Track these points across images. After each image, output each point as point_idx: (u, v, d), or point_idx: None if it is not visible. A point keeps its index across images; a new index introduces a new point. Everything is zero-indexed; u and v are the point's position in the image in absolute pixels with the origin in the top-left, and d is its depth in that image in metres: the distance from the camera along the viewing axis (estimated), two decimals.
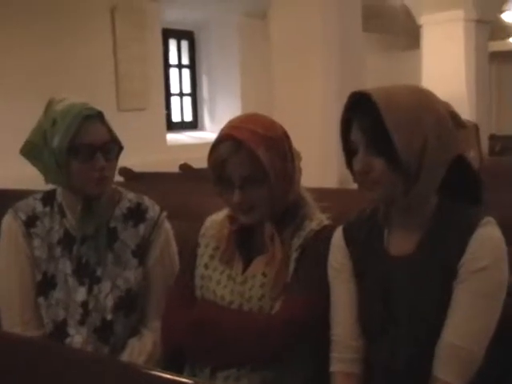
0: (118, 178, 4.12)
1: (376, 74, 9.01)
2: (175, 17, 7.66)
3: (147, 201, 1.91)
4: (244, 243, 1.72)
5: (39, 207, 1.83)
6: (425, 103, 1.41)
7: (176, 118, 8.41)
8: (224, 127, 1.68)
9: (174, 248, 1.92)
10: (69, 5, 6.19)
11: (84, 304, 1.77)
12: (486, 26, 7.40)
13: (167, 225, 1.91)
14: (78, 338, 1.76)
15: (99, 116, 1.74)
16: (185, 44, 8.56)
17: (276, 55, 4.90)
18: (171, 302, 1.76)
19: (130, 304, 1.81)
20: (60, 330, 1.77)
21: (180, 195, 3.38)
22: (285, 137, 1.68)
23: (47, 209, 1.83)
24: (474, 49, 7.15)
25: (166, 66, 7.99)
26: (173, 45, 8.37)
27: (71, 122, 1.68)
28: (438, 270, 1.41)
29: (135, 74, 6.87)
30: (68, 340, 1.77)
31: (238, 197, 1.62)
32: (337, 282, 1.59)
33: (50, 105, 1.77)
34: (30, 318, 1.79)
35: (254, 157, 1.59)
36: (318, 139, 4.35)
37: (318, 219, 1.70)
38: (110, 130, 1.77)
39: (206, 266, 1.74)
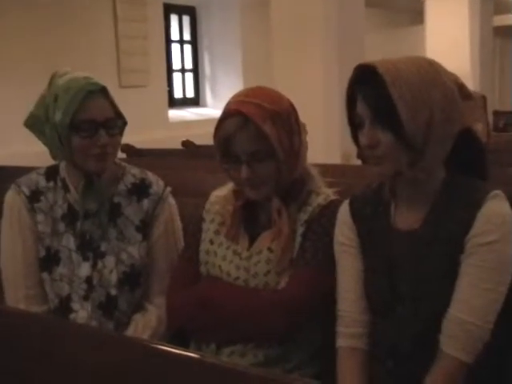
0: (121, 154, 4.11)
1: (378, 51, 8.96)
2: None
3: (151, 176, 1.90)
4: (249, 219, 1.71)
5: (42, 182, 1.82)
6: (431, 76, 1.39)
7: (178, 94, 8.38)
8: (230, 101, 1.65)
9: (178, 223, 1.91)
10: None
11: (88, 279, 1.77)
12: (490, 0, 7.34)
13: (171, 200, 1.90)
14: (82, 313, 1.76)
15: (102, 91, 1.72)
16: (186, 19, 8.49)
17: (276, 29, 4.86)
18: (176, 278, 1.76)
19: (135, 279, 1.81)
20: (64, 305, 1.78)
21: (182, 172, 3.38)
22: (292, 109, 1.66)
23: (50, 184, 1.82)
24: (478, 23, 7.12)
25: (168, 41, 7.95)
26: (174, 20, 8.31)
27: (73, 98, 1.66)
28: (443, 244, 1.40)
29: (136, 51, 6.83)
30: (72, 315, 1.77)
31: (245, 173, 1.60)
32: (343, 257, 1.57)
33: (52, 78, 1.75)
34: (34, 294, 1.79)
35: (260, 132, 1.57)
36: (320, 115, 4.34)
37: (325, 194, 1.69)
38: (113, 105, 1.75)
39: (212, 242, 1.73)
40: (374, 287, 1.51)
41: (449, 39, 7.07)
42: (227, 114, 1.62)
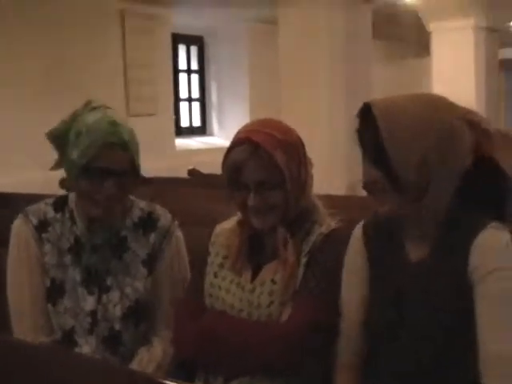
0: None
1: (385, 82, 9.01)
2: (184, 22, 7.68)
3: (159, 209, 1.89)
4: (254, 250, 1.71)
5: (50, 213, 1.81)
6: (427, 115, 1.36)
7: (185, 123, 8.42)
8: (240, 131, 1.66)
9: (185, 257, 1.90)
10: (78, 10, 6.21)
11: (93, 313, 1.76)
12: (496, 33, 7.39)
13: (179, 233, 1.89)
14: (86, 348, 1.75)
15: (123, 144, 1.70)
16: (194, 49, 8.57)
17: (283, 62, 4.91)
18: (181, 311, 1.75)
19: (139, 313, 1.80)
20: (68, 338, 1.76)
21: (189, 200, 3.38)
22: (300, 142, 1.68)
23: (58, 215, 1.80)
24: (484, 56, 7.15)
25: (175, 71, 8.01)
26: (182, 50, 8.39)
27: (91, 144, 1.66)
28: (449, 276, 1.40)
29: (144, 80, 6.89)
30: (77, 349, 1.75)
31: (253, 201, 1.61)
32: (349, 279, 1.58)
33: (86, 106, 1.76)
34: (41, 325, 1.78)
35: (270, 160, 1.58)
36: (325, 146, 4.35)
37: (327, 223, 1.69)
38: (132, 159, 1.72)
39: (216, 275, 1.73)
40: (380, 314, 1.50)
41: (455, 70, 7.11)
42: (237, 142, 1.62)
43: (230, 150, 1.63)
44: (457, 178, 1.40)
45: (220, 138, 8.55)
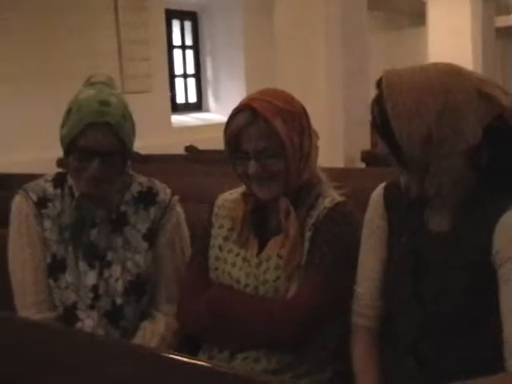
0: None
1: (381, 53, 8.96)
2: None
3: (158, 184, 1.89)
4: (259, 224, 1.70)
5: (50, 189, 1.82)
6: (434, 87, 1.30)
7: (180, 99, 8.38)
8: (242, 99, 1.64)
9: (186, 232, 1.90)
10: None
11: (94, 288, 1.76)
12: (492, 1, 7.34)
13: (179, 208, 1.89)
14: (88, 322, 1.76)
15: (107, 124, 1.68)
16: (188, 25, 8.50)
17: (279, 33, 4.87)
18: (186, 285, 1.75)
19: (141, 288, 1.81)
20: (70, 313, 1.77)
21: (186, 177, 3.38)
22: (303, 112, 1.65)
23: (58, 191, 1.81)
24: (480, 24, 7.12)
25: (170, 47, 7.95)
26: (176, 26, 8.32)
27: (78, 122, 1.67)
28: (469, 253, 1.37)
29: (139, 56, 6.84)
30: (79, 324, 1.76)
31: (253, 168, 1.59)
32: (368, 241, 1.56)
33: (86, 82, 1.77)
34: (44, 300, 1.78)
35: (270, 128, 1.56)
36: (323, 120, 4.33)
37: (331, 196, 1.67)
38: (119, 139, 1.70)
39: (221, 248, 1.72)
40: (396, 282, 1.49)
41: (451, 39, 7.07)
42: (238, 108, 1.61)
43: (230, 117, 1.61)
44: (462, 155, 1.33)
45: (216, 114, 8.51)
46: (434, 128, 1.30)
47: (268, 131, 1.56)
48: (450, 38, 7.06)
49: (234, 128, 1.59)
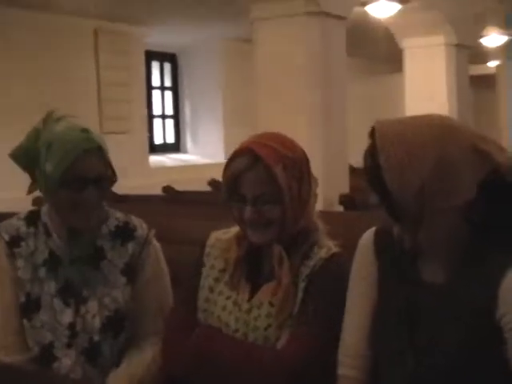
0: None
1: (359, 99, 9.09)
2: (158, 39, 7.68)
3: (135, 219, 1.87)
4: (252, 268, 1.66)
5: (23, 227, 1.78)
6: (428, 141, 1.28)
7: (158, 140, 8.40)
8: (243, 141, 1.62)
9: (164, 264, 1.88)
10: (52, 28, 6.19)
11: (71, 325, 1.72)
12: (466, 50, 7.52)
13: (156, 242, 1.87)
14: (66, 360, 1.71)
15: (98, 150, 1.69)
16: (167, 66, 8.58)
17: (260, 77, 4.91)
18: (172, 325, 1.69)
19: (118, 324, 1.77)
20: (47, 352, 1.73)
21: (164, 217, 3.35)
22: (304, 159, 1.63)
23: (31, 229, 1.78)
24: (454, 71, 7.26)
25: (149, 87, 8.00)
26: (155, 67, 8.39)
27: (67, 153, 1.64)
28: (466, 306, 1.32)
29: (118, 98, 6.86)
30: (56, 364, 1.72)
31: (249, 213, 1.56)
32: (357, 287, 1.50)
33: (48, 118, 1.74)
34: (13, 342, 1.73)
35: (270, 174, 1.53)
36: None
37: (327, 246, 1.62)
38: (106, 163, 1.72)
39: (211, 289, 1.67)
40: (387, 332, 1.43)
41: (427, 85, 7.21)
42: (238, 152, 1.58)
43: (231, 159, 1.59)
44: (456, 209, 1.31)
45: (194, 155, 8.54)
46: (427, 181, 1.27)
47: (267, 177, 1.54)
48: (426, 83, 7.20)
49: (234, 171, 1.57)
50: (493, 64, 10.83)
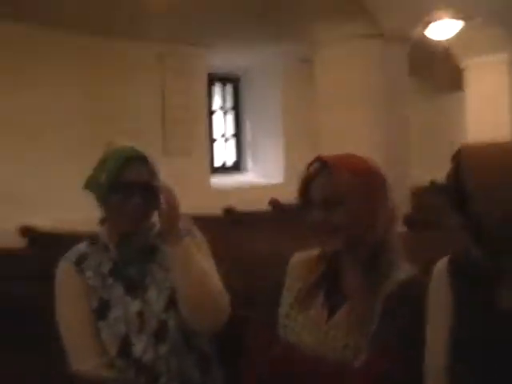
0: None
1: (420, 116, 8.98)
2: (220, 62, 7.81)
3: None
4: (331, 287, 1.69)
5: (85, 249, 1.98)
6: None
7: (219, 161, 8.49)
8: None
9: (209, 251, 2.00)
10: (118, 54, 6.37)
11: (139, 314, 1.89)
12: None
13: (200, 234, 2.00)
14: (139, 344, 1.88)
15: (143, 158, 1.88)
16: (229, 87, 8.69)
17: (321, 102, 4.93)
18: (256, 343, 1.73)
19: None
20: (124, 341, 1.88)
21: (225, 238, 3.41)
22: (376, 172, 1.68)
23: (93, 248, 1.97)
24: None
25: (211, 109, 8.11)
26: (218, 88, 8.51)
27: (116, 161, 1.85)
28: None
29: (181, 119, 7.00)
30: (132, 348, 1.87)
31: (315, 217, 1.64)
32: (436, 319, 1.46)
33: (109, 145, 1.94)
34: (90, 345, 1.88)
35: (335, 178, 1.61)
36: None
37: (405, 268, 1.64)
38: (152, 174, 1.89)
39: (292, 307, 1.73)
40: (464, 364, 1.37)
41: (488, 106, 7.08)
42: (310, 162, 1.68)
43: (304, 169, 1.69)
44: None
45: (254, 175, 8.59)
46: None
47: (333, 181, 1.61)
48: (488, 104, 7.07)
49: (304, 178, 1.67)
50: None
